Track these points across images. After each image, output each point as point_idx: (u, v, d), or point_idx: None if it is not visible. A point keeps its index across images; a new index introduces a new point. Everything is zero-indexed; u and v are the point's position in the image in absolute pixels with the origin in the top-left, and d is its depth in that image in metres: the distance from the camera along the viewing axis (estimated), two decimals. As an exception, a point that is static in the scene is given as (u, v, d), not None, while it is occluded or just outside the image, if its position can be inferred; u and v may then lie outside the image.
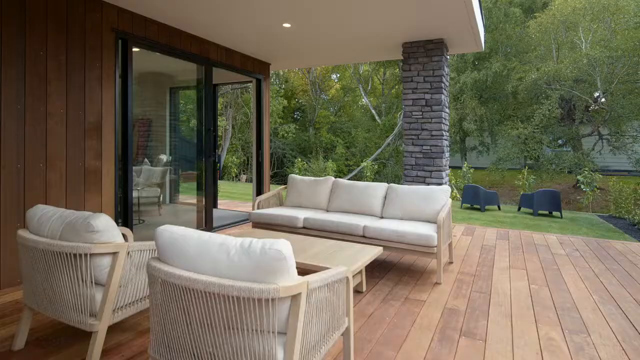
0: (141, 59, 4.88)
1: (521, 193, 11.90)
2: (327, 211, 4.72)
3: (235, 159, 18.57)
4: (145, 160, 6.23)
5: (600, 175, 11.14)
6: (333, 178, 4.90)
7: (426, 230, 3.62)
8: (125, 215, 4.36)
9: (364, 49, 5.57)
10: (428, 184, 5.08)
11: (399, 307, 3.02)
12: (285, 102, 21.07)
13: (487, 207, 10.30)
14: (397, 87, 23.53)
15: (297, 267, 2.98)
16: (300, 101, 24.01)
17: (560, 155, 16.84)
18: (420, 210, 4.13)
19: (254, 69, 6.16)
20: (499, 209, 10.44)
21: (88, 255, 1.98)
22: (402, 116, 5.33)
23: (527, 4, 18.49)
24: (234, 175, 18.65)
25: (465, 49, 5.38)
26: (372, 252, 3.12)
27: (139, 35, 4.38)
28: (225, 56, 5.60)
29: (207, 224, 5.51)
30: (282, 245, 1.52)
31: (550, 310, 3.01)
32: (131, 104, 4.38)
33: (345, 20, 4.45)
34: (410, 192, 4.28)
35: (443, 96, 5.01)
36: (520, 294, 3.34)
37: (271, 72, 6.72)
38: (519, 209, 10.21)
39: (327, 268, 2.72)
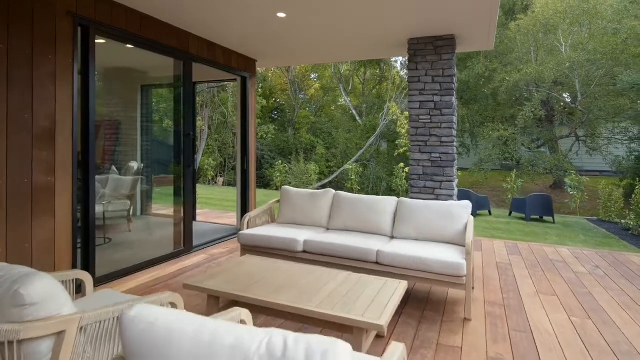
0: (107, 51, 4.12)
1: (509, 197, 11.75)
2: (328, 229, 4.13)
3: (212, 161, 17.66)
4: (113, 168, 5.41)
5: (587, 179, 11.09)
6: (333, 191, 4.31)
7: (453, 256, 3.09)
8: (86, 236, 3.60)
9: (364, 45, 4.99)
10: (437, 195, 4.57)
11: (432, 359, 2.47)
12: (264, 101, 20.32)
13: (478, 212, 10.00)
14: (377, 87, 23.21)
15: (311, 316, 2.37)
16: (279, 101, 23.27)
17: (540, 157, 16.99)
18: (439, 229, 3.60)
19: (239, 65, 5.47)
20: (490, 213, 10.18)
21: (14, 343, 1.30)
22: (408, 120, 4.83)
23: (507, 6, 18.53)
24: (210, 178, 17.73)
25: (475, 47, 4.91)
26: (399, 291, 2.55)
27: (104, 23, 3.63)
28: (207, 50, 4.89)
29: (186, 242, 4.80)
30: (343, 355, 0.91)
31: (608, 355, 2.54)
32: (94, 104, 3.62)
33: (345, 11, 3.86)
34: (424, 208, 3.74)
35: (454, 98, 4.52)
36: (565, 331, 2.86)
37: (258, 69, 6.05)
38: (510, 214, 9.98)
39: (355, 320, 2.13)
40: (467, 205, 3.66)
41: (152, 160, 5.87)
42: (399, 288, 2.60)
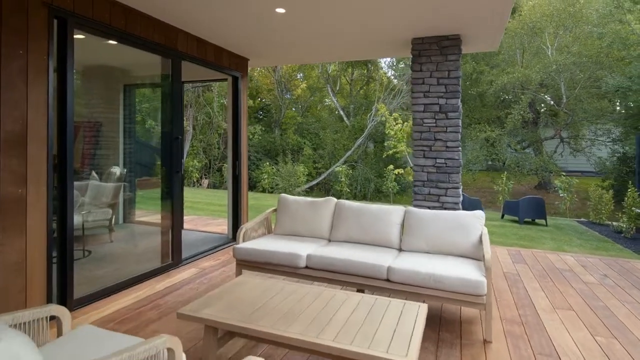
0: (87, 47, 3.74)
1: (500, 199, 11.71)
2: (330, 241, 3.85)
3: (197, 163, 17.15)
4: (93, 174, 4.99)
5: (577, 180, 11.15)
6: (335, 199, 4.03)
7: (471, 273, 2.86)
8: (63, 251, 3.23)
9: (366, 43, 4.72)
10: (443, 203, 4.36)
11: (460, 391, 2.23)
12: (250, 101, 19.91)
13: (471, 215, 9.88)
14: (365, 87, 23.07)
15: (328, 352, 2.08)
16: (264, 100, 22.86)
17: (525, 158, 17.18)
18: (451, 242, 3.37)
19: (230, 64, 5.13)
20: (482, 216, 10.09)
21: None
22: (412, 123, 4.63)
23: (493, 8, 18.63)
24: (195, 180, 17.22)
25: (480, 47, 4.72)
26: (421, 317, 2.29)
27: (84, 16, 3.26)
28: (196, 48, 4.54)
29: (174, 254, 4.44)
30: None
31: (645, 381, 2.35)
32: (72, 105, 3.25)
33: (347, 7, 3.60)
34: (434, 219, 3.51)
35: (459, 101, 4.31)
36: (593, 353, 2.67)
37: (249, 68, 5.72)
38: (503, 216, 9.92)
39: (380, 358, 1.86)
40: (480, 215, 3.45)
41: (136, 164, 5.47)
42: (421, 313, 2.35)
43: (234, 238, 5.54)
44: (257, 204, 10.78)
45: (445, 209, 4.33)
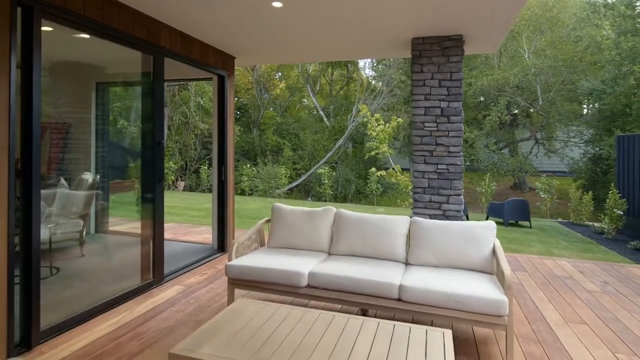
0: (56, 40, 3.30)
1: (483, 200, 11.78)
2: (330, 255, 3.58)
3: (172, 165, 16.46)
4: (62, 181, 4.50)
5: (557, 181, 11.36)
6: (334, 209, 3.76)
7: (491, 291, 2.65)
8: (27, 270, 2.80)
9: (364, 42, 4.44)
10: (444, 211, 4.17)
11: None
12: (229, 101, 19.28)
13: (456, 217, 9.86)
14: (345, 88, 22.92)
15: None
16: (242, 100, 22.31)
17: (502, 159, 17.52)
18: (462, 254, 3.17)
19: (217, 62, 4.75)
20: (467, 218, 10.09)
21: None
22: (411, 127, 4.44)
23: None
24: (170, 182, 16.52)
25: (480, 49, 4.57)
26: (449, 349, 2.06)
27: (54, 4, 2.84)
28: (181, 44, 4.14)
29: (156, 270, 4.04)
30: None
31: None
32: (38, 104, 2.84)
33: (347, 3, 3.33)
34: (442, 230, 3.30)
35: (461, 105, 4.13)
36: (619, 374, 2.52)
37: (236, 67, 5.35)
38: (487, 218, 9.94)
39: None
40: (491, 226, 3.26)
41: (111, 170, 5.01)
42: (448, 343, 2.11)
43: (219, 249, 5.17)
44: (238, 208, 10.35)
45: (447, 217, 4.15)
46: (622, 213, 7.84)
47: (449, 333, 2.22)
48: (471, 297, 2.62)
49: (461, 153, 4.11)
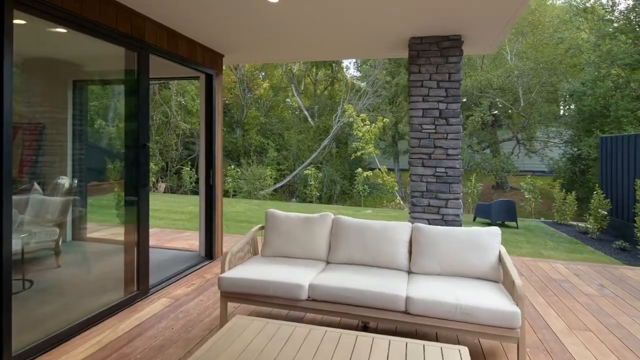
0: (30, 34, 3.00)
1: (469, 201, 11.85)
2: (329, 263, 3.40)
3: (153, 165, 15.96)
4: (35, 186, 4.16)
5: (541, 182, 11.52)
6: (332, 215, 3.59)
7: (501, 302, 2.54)
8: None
9: (361, 41, 4.26)
10: (443, 215, 4.06)
11: None
12: (211, 100, 18.88)
13: (444, 218, 9.86)
14: (329, 88, 22.80)
15: None
16: (224, 99, 21.88)
17: (485, 159, 17.76)
18: (467, 263, 3.05)
19: (204, 60, 4.50)
20: (455, 219, 10.11)
21: None
22: (409, 129, 4.34)
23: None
24: (150, 184, 16.01)
25: (479, 50, 4.49)
26: (470, 369, 1.92)
27: (23, -8, 2.56)
28: (167, 40, 3.88)
29: (140, 281, 3.78)
30: None
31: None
32: (10, 103, 2.57)
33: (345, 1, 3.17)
34: (446, 237, 3.18)
35: (460, 107, 4.03)
36: (633, 386, 2.44)
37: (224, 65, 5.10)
38: (475, 219, 9.98)
39: None
40: (496, 232, 3.16)
41: (89, 173, 4.69)
42: (466, 362, 1.97)
43: (207, 256, 4.93)
44: (223, 211, 10.03)
45: (446, 221, 4.04)
46: (606, 213, 7.97)
47: (465, 351, 2.08)
48: (482, 309, 2.49)
49: (460, 156, 4.01)
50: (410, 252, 3.28)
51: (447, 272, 3.09)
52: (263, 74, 22.31)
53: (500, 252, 3.05)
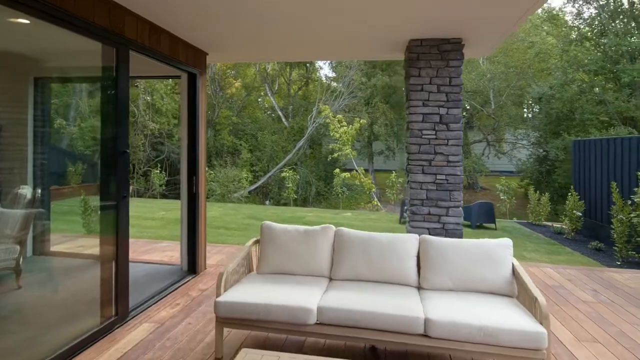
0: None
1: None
2: (332, 280, 3.17)
3: (120, 168, 15.02)
4: (-8, 197, 3.66)
5: (516, 183, 11.82)
6: (334, 227, 3.35)
7: (523, 321, 2.40)
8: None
9: (357, 42, 4.06)
10: (444, 224, 3.93)
11: None
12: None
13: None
14: (304, 88, 22.53)
15: None
16: (196, 99, 21.09)
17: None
18: (480, 277, 2.91)
19: (187, 58, 4.12)
20: (435, 221, 10.15)
21: None
22: (408, 135, 4.21)
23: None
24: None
25: (476, 53, 4.39)
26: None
27: (-22, -27, 2.15)
28: (149, 36, 3.49)
29: (119, 303, 3.36)
30: None
31: None
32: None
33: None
34: (456, 250, 3.02)
35: (460, 112, 3.91)
36: (657, 404, 2.38)
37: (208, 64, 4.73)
38: (454, 221, 10.06)
39: None
40: (507, 244, 3.05)
41: (50, 179, 4.20)
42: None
43: (190, 270, 4.55)
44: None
45: (447, 230, 3.91)
46: (580, 214, 8.22)
47: (502, 382, 1.91)
48: (506, 330, 2.34)
49: (461, 163, 3.89)
50: (418, 266, 3.11)
51: (459, 288, 2.94)
52: (234, 72, 21.71)
53: (513, 264, 2.93)
